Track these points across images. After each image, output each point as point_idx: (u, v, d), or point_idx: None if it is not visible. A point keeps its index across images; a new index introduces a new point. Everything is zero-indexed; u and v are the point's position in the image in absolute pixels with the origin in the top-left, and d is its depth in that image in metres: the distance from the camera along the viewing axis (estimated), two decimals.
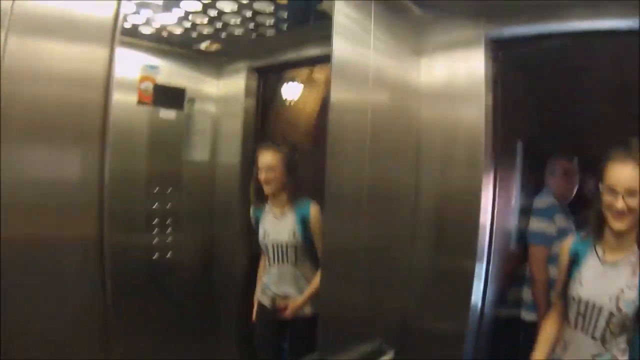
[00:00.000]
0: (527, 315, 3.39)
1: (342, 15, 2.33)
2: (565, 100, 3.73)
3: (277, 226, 3.10)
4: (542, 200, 3.48)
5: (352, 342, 2.48)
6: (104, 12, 1.46)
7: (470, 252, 2.66)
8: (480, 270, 2.70)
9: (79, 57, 1.42)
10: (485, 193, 2.68)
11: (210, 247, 3.74)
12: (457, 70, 2.70)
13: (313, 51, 3.23)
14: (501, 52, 2.72)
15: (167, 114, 3.45)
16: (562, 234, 3.27)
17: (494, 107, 2.69)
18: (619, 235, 2.24)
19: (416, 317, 2.80)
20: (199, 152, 3.65)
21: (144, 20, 2.90)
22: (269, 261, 3.17)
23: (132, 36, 3.11)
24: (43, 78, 1.36)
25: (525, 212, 3.45)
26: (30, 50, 1.31)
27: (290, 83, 4.33)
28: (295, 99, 4.42)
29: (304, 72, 4.24)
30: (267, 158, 3.03)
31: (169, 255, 3.52)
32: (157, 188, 3.46)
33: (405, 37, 2.72)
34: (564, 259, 2.45)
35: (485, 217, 2.72)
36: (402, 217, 2.77)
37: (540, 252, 3.31)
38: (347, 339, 2.48)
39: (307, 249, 3.03)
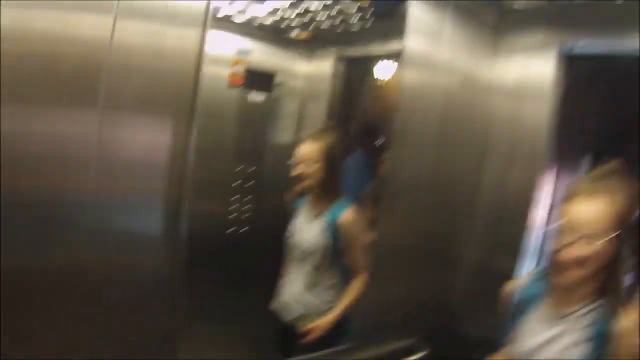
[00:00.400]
0: None
1: (417, 14, 2.43)
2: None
3: (306, 227, 2.71)
4: None
5: (388, 339, 2.62)
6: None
7: (520, 253, 2.74)
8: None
9: (175, 37, 1.61)
10: (542, 195, 2.76)
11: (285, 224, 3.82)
12: (529, 74, 2.75)
13: (396, 45, 3.31)
14: (573, 65, 2.76)
15: (257, 96, 3.65)
16: None
17: (561, 114, 2.73)
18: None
19: (460, 316, 2.90)
20: (285, 134, 3.82)
21: (237, 10, 3.10)
22: (289, 262, 2.82)
23: (226, 22, 3.30)
24: (144, 54, 1.56)
25: None
26: (135, 31, 1.52)
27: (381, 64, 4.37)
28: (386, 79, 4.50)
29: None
30: (305, 149, 2.64)
31: (243, 229, 3.76)
32: (242, 166, 3.70)
33: (481, 37, 2.77)
34: (506, 303, 2.02)
35: (539, 220, 2.80)
36: (460, 211, 2.86)
37: None
38: (385, 336, 2.63)
39: (334, 256, 2.63)
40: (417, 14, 2.43)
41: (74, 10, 1.40)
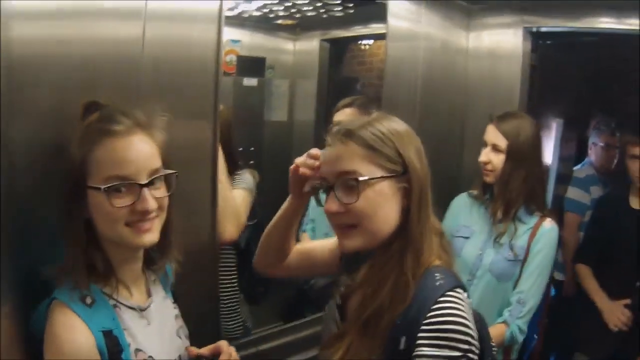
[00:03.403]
0: (558, 275, 3.64)
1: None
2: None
3: None
4: (581, 170, 3.70)
5: None
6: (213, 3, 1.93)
7: None
8: None
9: (198, 31, 1.87)
10: None
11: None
12: (500, 46, 3.06)
13: (376, 27, 3.53)
14: (540, 40, 3.09)
15: (250, 81, 3.86)
16: None
17: (532, 82, 3.07)
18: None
19: None
20: (279, 113, 4.05)
21: (228, 7, 3.33)
22: None
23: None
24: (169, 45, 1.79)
25: (565, 180, 3.71)
26: (160, 31, 1.74)
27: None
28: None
29: None
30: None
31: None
32: (241, 147, 3.88)
33: (455, 17, 3.08)
34: None
35: None
36: (447, 169, 3.12)
37: (573, 219, 3.57)
38: None
39: None
40: (396, 3, 2.71)
41: (110, 18, 1.64)
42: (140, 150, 1.33)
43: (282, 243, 1.69)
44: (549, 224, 2.36)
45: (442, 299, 1.25)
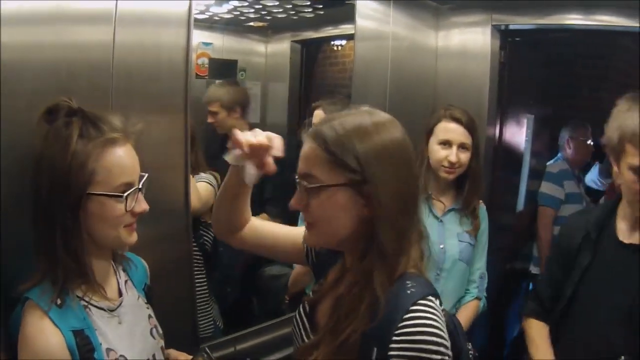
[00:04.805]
0: (534, 269, 3.71)
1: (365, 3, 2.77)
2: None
3: None
4: (554, 165, 3.76)
5: None
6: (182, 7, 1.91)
7: None
8: None
9: (167, 34, 1.87)
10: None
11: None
12: (468, 44, 3.12)
13: (346, 28, 3.55)
14: (508, 38, 3.15)
15: None
16: (571, 198, 3.59)
17: (500, 75, 3.11)
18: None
19: None
20: (251, 115, 4.03)
21: (199, 10, 3.35)
22: None
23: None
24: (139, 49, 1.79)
25: (537, 175, 3.77)
26: (132, 33, 1.76)
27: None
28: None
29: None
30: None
31: None
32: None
33: (423, 17, 3.12)
34: None
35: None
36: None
37: (547, 213, 3.61)
38: None
39: None
40: (364, 3, 2.75)
41: (81, 23, 1.65)
42: (135, 157, 1.44)
43: (229, 213, 1.62)
44: (482, 204, 2.62)
45: (413, 308, 1.21)
